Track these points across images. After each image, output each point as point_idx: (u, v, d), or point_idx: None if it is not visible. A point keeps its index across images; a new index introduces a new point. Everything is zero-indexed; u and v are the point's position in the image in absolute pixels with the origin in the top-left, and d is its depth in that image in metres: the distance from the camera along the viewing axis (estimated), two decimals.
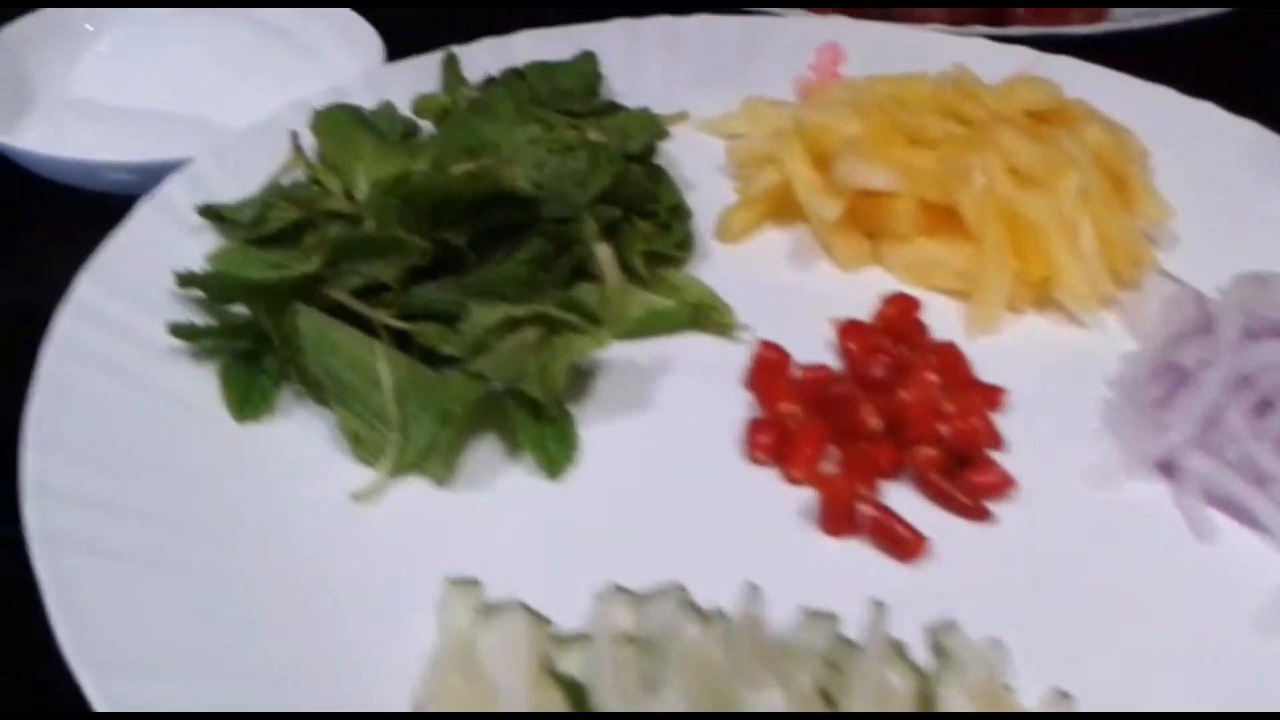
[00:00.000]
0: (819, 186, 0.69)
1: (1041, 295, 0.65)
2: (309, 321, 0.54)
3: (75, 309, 0.56)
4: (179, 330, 0.56)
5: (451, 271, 0.58)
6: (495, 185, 0.57)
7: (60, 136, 0.76)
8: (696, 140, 0.76)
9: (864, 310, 0.64)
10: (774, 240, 0.71)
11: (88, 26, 0.84)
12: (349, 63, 0.81)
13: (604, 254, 0.58)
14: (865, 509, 0.51)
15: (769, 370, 0.58)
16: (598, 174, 0.64)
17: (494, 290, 0.57)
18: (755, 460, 0.55)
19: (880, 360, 0.57)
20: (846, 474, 0.53)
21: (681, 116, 0.77)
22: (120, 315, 0.56)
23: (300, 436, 0.55)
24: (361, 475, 0.54)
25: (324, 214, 0.59)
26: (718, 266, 0.68)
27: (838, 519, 0.51)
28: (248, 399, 0.55)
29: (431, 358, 0.57)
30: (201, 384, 0.56)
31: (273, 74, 0.80)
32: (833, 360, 0.61)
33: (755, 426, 0.56)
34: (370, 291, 0.57)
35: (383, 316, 0.56)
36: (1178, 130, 0.75)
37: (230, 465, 0.54)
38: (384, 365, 0.55)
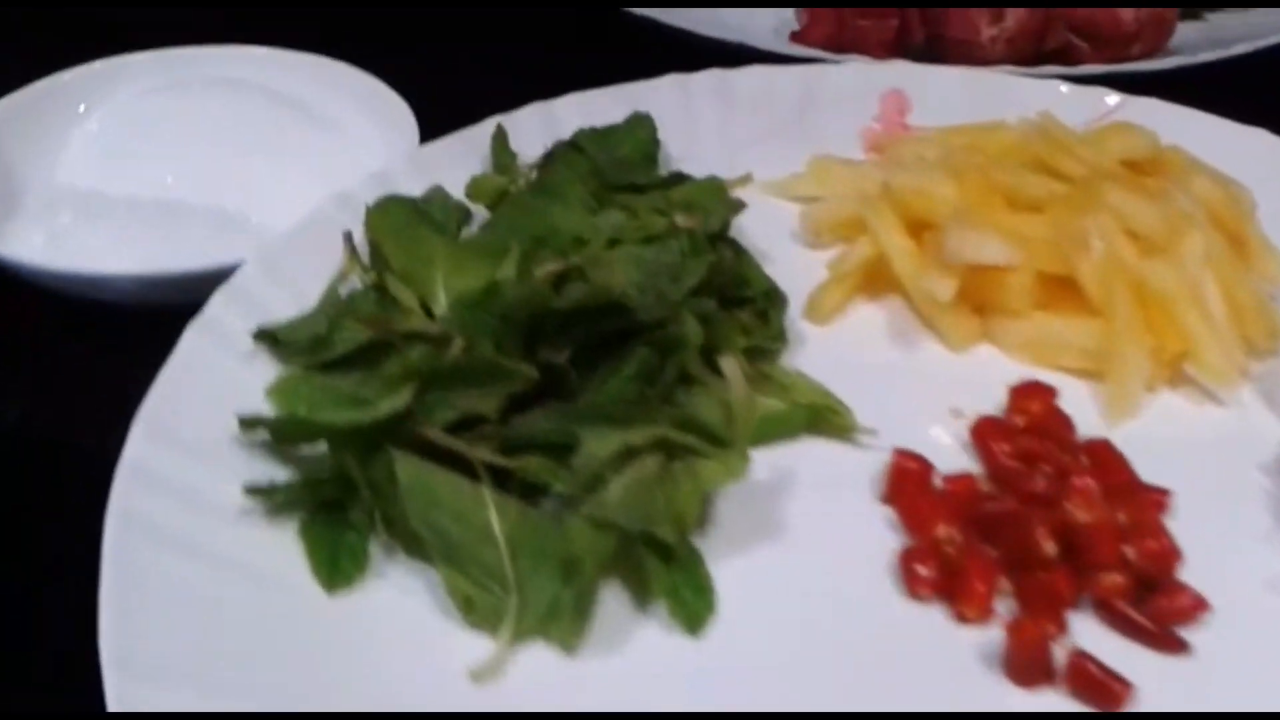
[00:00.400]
0: (916, 257, 0.64)
1: (1174, 372, 0.60)
2: (408, 470, 0.47)
3: (131, 472, 0.48)
4: (254, 491, 0.49)
5: (552, 394, 0.52)
6: (604, 296, 0.51)
7: (55, 241, 0.68)
8: (762, 205, 0.71)
9: (985, 397, 0.59)
10: (866, 317, 0.66)
11: (80, 106, 0.77)
12: (378, 136, 0.74)
13: (730, 366, 0.51)
14: (1060, 654, 0.45)
15: (912, 484, 0.52)
16: (693, 265, 0.58)
17: (603, 414, 0.51)
18: (917, 597, 0.49)
19: (1042, 470, 0.52)
20: (1031, 613, 0.47)
21: (745, 180, 0.71)
22: (182, 475, 0.49)
23: (399, 601, 0.48)
24: (475, 644, 0.47)
25: (403, 335, 0.52)
26: (813, 354, 0.62)
27: (1031, 669, 0.45)
28: (337, 564, 0.48)
29: (530, 492, 0.51)
30: (281, 548, 0.49)
31: (295, 153, 0.72)
32: (964, 460, 0.56)
33: (912, 556, 0.50)
34: (464, 424, 0.51)
35: (483, 453, 0.50)
36: (1276, 175, 0.71)
37: (325, 641, 0.47)
38: (494, 515, 0.48)
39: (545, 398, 0.52)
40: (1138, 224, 0.62)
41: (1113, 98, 0.75)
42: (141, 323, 0.65)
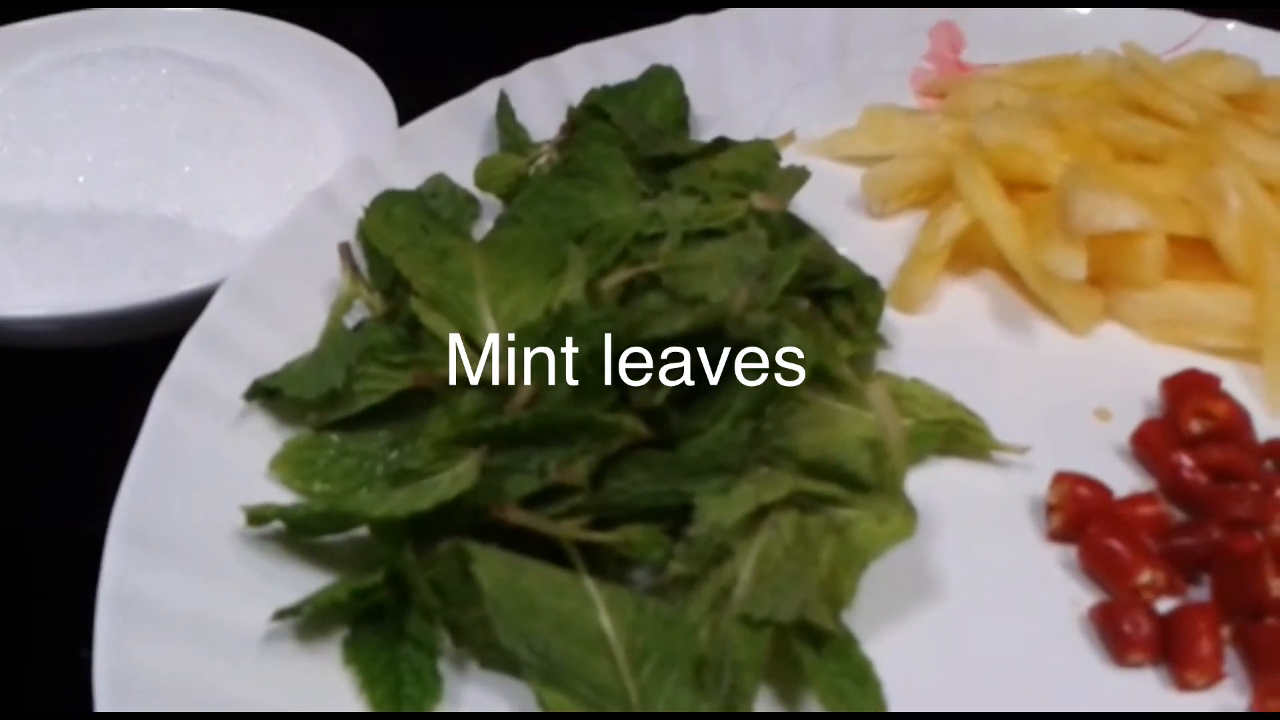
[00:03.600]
0: (1022, 226, 0.54)
1: None
2: (491, 570, 0.36)
3: (114, 606, 0.35)
4: (285, 614, 0.37)
5: (646, 444, 0.41)
6: (714, 316, 0.40)
7: None
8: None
9: (1128, 391, 0.49)
10: (960, 300, 0.56)
11: None
12: (340, 115, 0.61)
13: (877, 391, 0.41)
14: None
15: (1093, 518, 0.43)
16: (783, 260, 0.47)
17: (716, 464, 0.40)
18: (1129, 664, 0.40)
19: (1241, 487, 0.43)
20: (1264, 669, 0.39)
21: (788, 139, 0.60)
22: (181, 599, 0.37)
23: None
24: None
25: (444, 382, 0.40)
26: (913, 348, 0.52)
27: None
28: (401, 692, 0.36)
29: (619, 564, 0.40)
30: (320, 680, 0.37)
31: (241, 140, 0.58)
32: (1128, 474, 0.47)
33: (1117, 614, 0.40)
34: (542, 495, 0.39)
35: (572, 531, 0.38)
36: None
37: None
38: (605, 615, 0.37)
39: (636, 448, 0.41)
40: (1271, 173, 0.53)
41: (1191, 20, 0.66)
42: (74, 370, 0.52)
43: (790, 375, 0.43)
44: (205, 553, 0.38)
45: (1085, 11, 0.68)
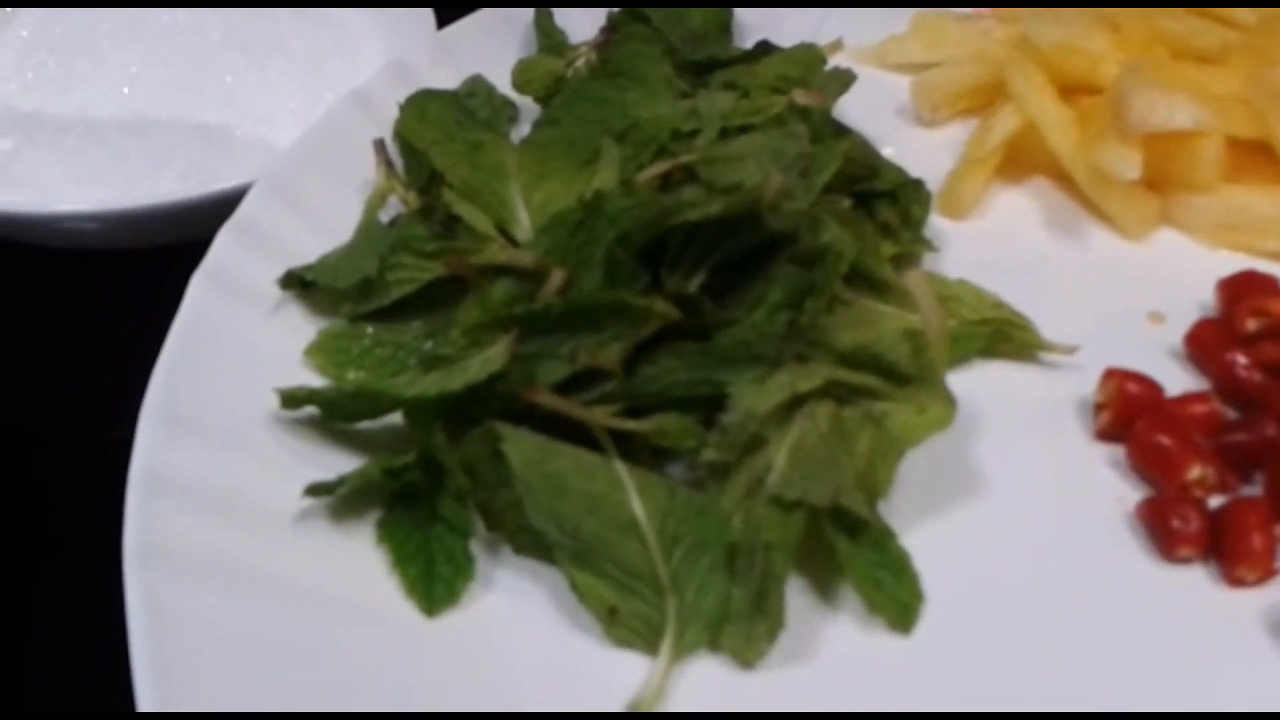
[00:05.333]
0: (1076, 128, 0.52)
1: None
2: (521, 451, 0.36)
3: (147, 482, 0.36)
4: (318, 490, 0.37)
5: (678, 332, 0.40)
6: (747, 201, 0.39)
7: None
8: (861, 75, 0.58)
9: (1182, 295, 0.48)
10: (1011, 205, 0.54)
11: (4, 9, 0.62)
12: (379, 20, 0.60)
13: (916, 282, 0.39)
14: None
15: (1142, 414, 0.41)
16: (824, 156, 0.46)
17: (753, 354, 0.39)
18: (1176, 559, 0.39)
19: None
20: None
21: (835, 46, 0.58)
22: (212, 477, 0.37)
23: (517, 616, 0.37)
24: (625, 664, 0.36)
25: (481, 270, 0.40)
26: (960, 255, 0.51)
27: None
28: (434, 574, 0.37)
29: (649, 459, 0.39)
30: (354, 560, 0.37)
31: (280, 48, 0.59)
32: (1182, 376, 0.45)
33: (1163, 508, 0.39)
34: (574, 381, 0.39)
35: (603, 418, 0.38)
36: None
37: (429, 679, 0.35)
38: (636, 499, 0.37)
39: (670, 337, 0.40)
40: None
41: None
42: (113, 272, 0.53)
43: (828, 268, 0.42)
44: (239, 434, 0.38)
45: None
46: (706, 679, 0.36)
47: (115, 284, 0.53)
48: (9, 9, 0.62)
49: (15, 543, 0.46)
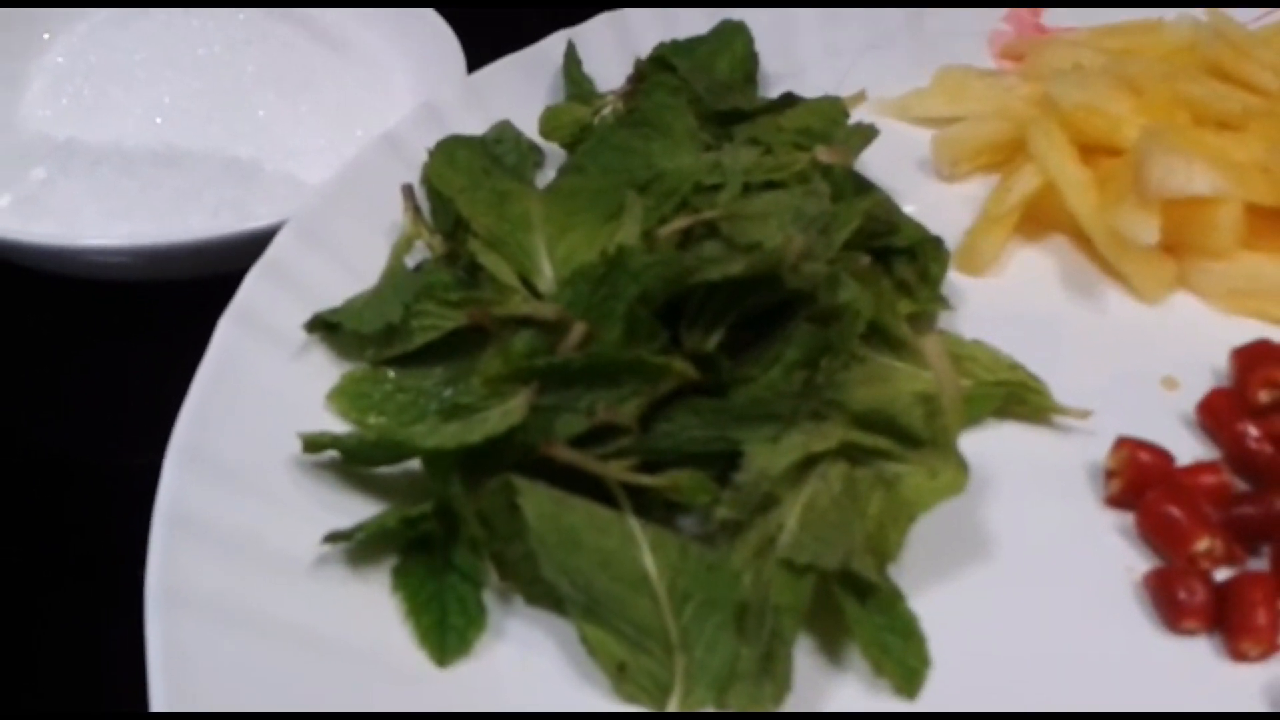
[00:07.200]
0: (1095, 190, 0.53)
1: None
2: (536, 504, 0.36)
3: (171, 522, 0.36)
4: (336, 537, 0.37)
5: (697, 390, 0.41)
6: (768, 262, 0.39)
7: (25, 204, 0.55)
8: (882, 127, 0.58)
9: (1197, 361, 0.48)
10: (1029, 264, 0.54)
11: (43, 35, 0.63)
12: (411, 62, 0.61)
13: (933, 348, 0.40)
14: None
15: (1152, 483, 0.42)
16: (845, 213, 0.46)
17: (767, 413, 0.40)
18: (1182, 631, 0.39)
19: None
20: None
21: (858, 98, 0.59)
22: (235, 520, 0.38)
23: (527, 667, 0.37)
24: None
25: (503, 321, 0.40)
26: (977, 312, 0.51)
27: None
28: (447, 623, 0.37)
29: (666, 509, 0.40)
30: (367, 607, 0.38)
31: (312, 85, 0.60)
32: (1192, 444, 0.45)
33: (1171, 580, 0.39)
34: (592, 435, 0.39)
35: (618, 472, 0.39)
36: None
37: None
38: (648, 555, 0.37)
39: (686, 393, 0.41)
40: None
41: None
42: (139, 301, 0.54)
43: (846, 327, 0.43)
44: (261, 477, 0.39)
45: None
46: None
47: (141, 313, 0.54)
48: (46, 33, 0.63)
49: (38, 564, 0.47)
